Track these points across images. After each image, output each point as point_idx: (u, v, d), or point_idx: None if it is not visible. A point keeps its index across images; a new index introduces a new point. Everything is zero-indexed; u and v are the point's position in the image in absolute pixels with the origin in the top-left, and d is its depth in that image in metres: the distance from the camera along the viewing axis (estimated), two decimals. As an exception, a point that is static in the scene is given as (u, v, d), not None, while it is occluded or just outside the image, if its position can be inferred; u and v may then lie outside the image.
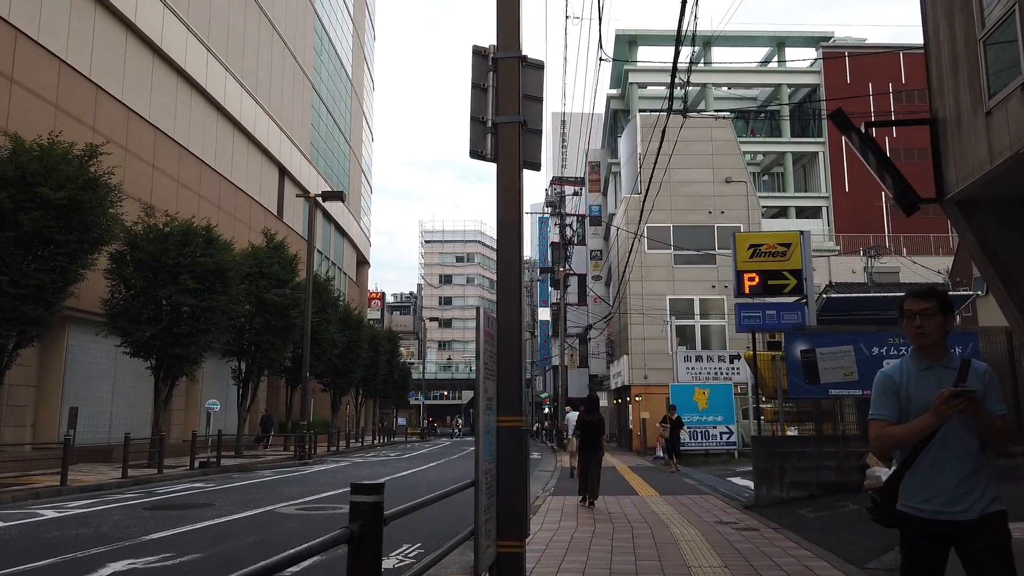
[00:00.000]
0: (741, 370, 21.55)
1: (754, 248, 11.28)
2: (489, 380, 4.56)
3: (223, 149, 30.22)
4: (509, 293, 5.05)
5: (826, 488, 10.06)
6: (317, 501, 11.35)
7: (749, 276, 11.27)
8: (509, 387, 4.88)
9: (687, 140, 31.31)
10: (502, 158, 5.22)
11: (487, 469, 4.38)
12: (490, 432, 4.57)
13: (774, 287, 11.25)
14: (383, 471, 18.23)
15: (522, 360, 4.96)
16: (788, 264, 11.19)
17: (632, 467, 19.69)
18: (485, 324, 4.42)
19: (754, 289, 11.23)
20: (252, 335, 23.81)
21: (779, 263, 11.17)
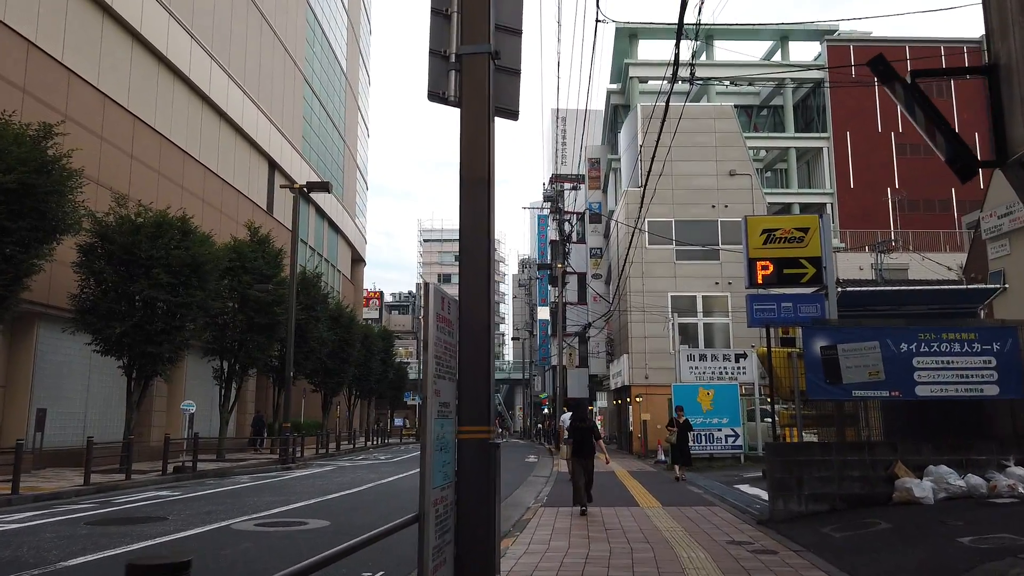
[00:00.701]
0: (747, 370, 20.47)
1: (768, 233, 10.15)
2: (444, 379, 3.47)
3: (208, 140, 29.14)
4: (476, 270, 3.96)
5: (850, 501, 8.97)
6: (283, 514, 10.26)
7: (762, 264, 10.15)
8: (475, 388, 3.79)
9: (690, 132, 30.25)
10: (468, 100, 4.15)
11: (439, 499, 3.29)
12: (446, 448, 3.48)
13: (790, 276, 10.14)
14: (367, 476, 17.14)
15: (491, 354, 3.87)
16: (806, 251, 10.07)
17: (632, 472, 18.60)
18: (438, 306, 3.34)
19: (768, 279, 10.12)
20: (235, 333, 22.72)
21: (796, 250, 10.06)
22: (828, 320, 9.70)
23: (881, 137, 49.78)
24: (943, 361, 9.18)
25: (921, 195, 49.44)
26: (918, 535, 7.05)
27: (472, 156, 4.03)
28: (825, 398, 9.29)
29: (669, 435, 16.36)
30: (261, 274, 23.00)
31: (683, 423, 16.06)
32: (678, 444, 15.91)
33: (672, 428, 16.18)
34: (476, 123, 4.11)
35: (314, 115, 43.08)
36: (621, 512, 10.35)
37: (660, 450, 22.31)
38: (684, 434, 16.01)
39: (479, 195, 3.96)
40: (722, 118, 30.40)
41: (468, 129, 4.12)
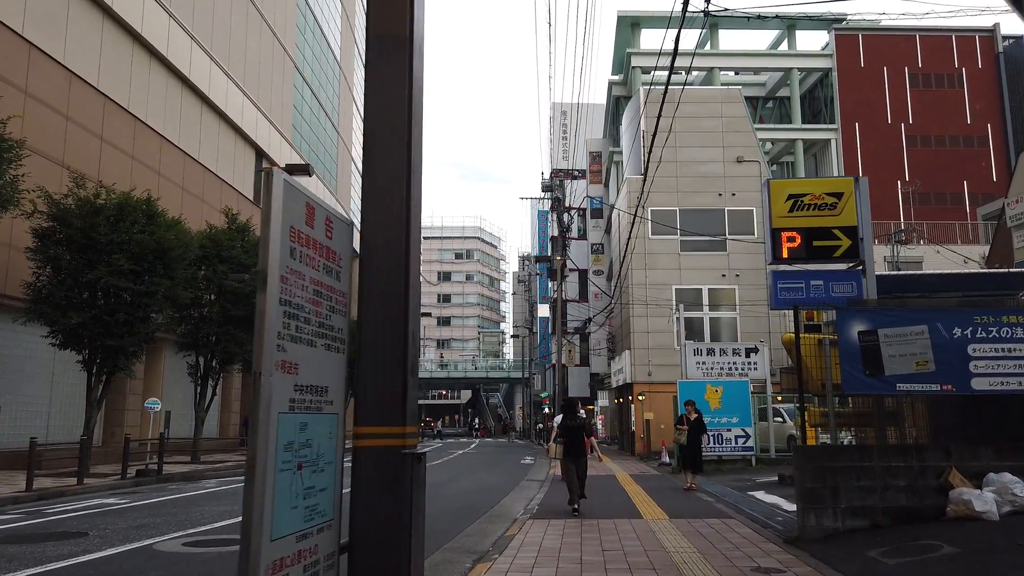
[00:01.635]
0: (759, 365, 18.98)
1: (795, 199, 8.61)
2: (312, 346, 2.02)
3: (189, 125, 27.69)
4: (388, 170, 2.49)
5: (895, 515, 7.50)
6: (224, 529, 8.82)
7: (788, 236, 8.62)
8: (382, 364, 2.34)
9: (695, 116, 28.78)
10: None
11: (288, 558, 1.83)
12: (316, 464, 2.02)
13: (821, 250, 8.61)
14: (346, 481, 15.68)
15: (411, 310, 2.41)
16: (839, 220, 8.57)
17: (635, 475, 17.14)
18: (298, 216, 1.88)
19: (795, 252, 8.60)
20: (210, 326, 21.27)
21: (828, 218, 8.55)
22: (867, 300, 8.21)
23: (890, 129, 48.28)
24: (1003, 349, 7.71)
25: (932, 188, 47.86)
26: (997, 565, 5.58)
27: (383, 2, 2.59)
28: (864, 393, 7.82)
29: (678, 435, 13.97)
30: (239, 263, 21.55)
31: (695, 421, 13.40)
32: (689, 446, 13.40)
33: (682, 427, 13.71)
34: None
35: (305, 104, 41.64)
36: (622, 526, 8.89)
37: (664, 451, 20.85)
38: (697, 434, 13.40)
39: (394, 57, 2.52)
40: (729, 102, 28.91)
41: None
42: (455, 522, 9.54)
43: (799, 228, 8.56)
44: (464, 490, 14.20)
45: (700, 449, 13.58)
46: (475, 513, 10.52)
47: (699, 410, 14.05)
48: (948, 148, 47.76)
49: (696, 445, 13.42)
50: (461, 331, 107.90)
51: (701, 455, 13.70)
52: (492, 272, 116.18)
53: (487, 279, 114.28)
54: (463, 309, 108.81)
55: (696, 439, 13.44)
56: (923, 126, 47.68)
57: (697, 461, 13.51)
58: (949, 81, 49.16)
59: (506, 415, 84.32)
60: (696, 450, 13.42)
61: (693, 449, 13.42)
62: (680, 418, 14.19)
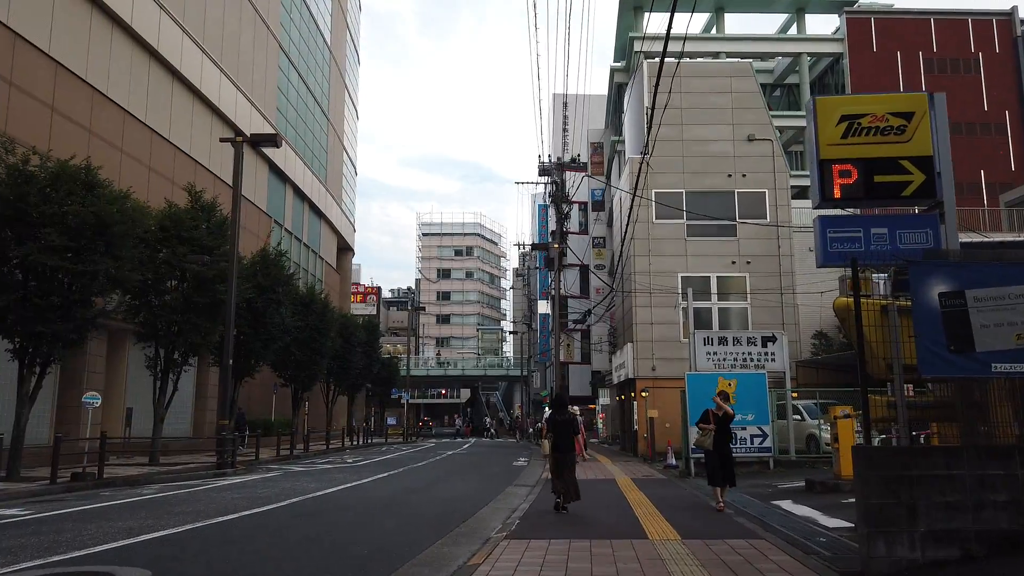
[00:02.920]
0: (777, 356, 16.94)
1: (850, 122, 6.53)
2: None
3: (158, 102, 25.71)
4: None
5: (993, 542, 5.50)
6: (103, 556, 6.83)
7: (841, 169, 6.52)
8: None
9: (702, 92, 26.77)
10: None
11: None
12: None
13: (885, 187, 6.53)
14: (306, 486, 13.69)
15: None
16: (909, 148, 6.52)
17: (638, 480, 15.13)
18: None
19: (850, 191, 6.53)
20: (168, 313, 19.26)
21: (893, 145, 6.50)
22: (948, 252, 6.20)
23: (904, 116, 46.16)
24: None
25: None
26: None
27: None
28: (947, 375, 5.82)
29: (702, 436, 10.61)
30: (201, 245, 19.57)
31: (723, 417, 10.42)
32: (718, 452, 10.23)
33: (707, 426, 10.50)
34: None
35: (291, 87, 39.66)
36: (622, 550, 6.89)
37: (670, 452, 18.84)
38: (725, 434, 10.44)
39: None
40: (739, 76, 26.87)
41: None
42: (414, 541, 7.58)
43: (855, 159, 6.48)
44: (439, 498, 12.20)
45: (731, 453, 10.61)
46: (442, 528, 8.54)
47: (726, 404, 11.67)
48: (964, 135, 45.71)
49: (725, 448, 10.40)
50: (461, 329, 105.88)
51: (732, 461, 10.57)
52: (492, 269, 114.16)
53: (487, 276, 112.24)
54: (463, 307, 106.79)
55: (724, 441, 10.39)
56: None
57: (728, 469, 10.27)
58: (965, 66, 47.18)
59: (506, 416, 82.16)
60: (728, 457, 10.37)
61: (724, 456, 10.30)
62: (704, 414, 10.81)
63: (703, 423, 10.69)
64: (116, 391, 23.57)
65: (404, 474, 17.49)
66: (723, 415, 10.48)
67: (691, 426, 15.95)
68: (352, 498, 11.85)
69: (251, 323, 23.93)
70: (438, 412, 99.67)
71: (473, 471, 19.14)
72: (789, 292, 25.12)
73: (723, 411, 10.48)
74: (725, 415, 10.50)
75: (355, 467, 20.05)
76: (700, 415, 10.96)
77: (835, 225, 6.59)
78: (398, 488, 13.77)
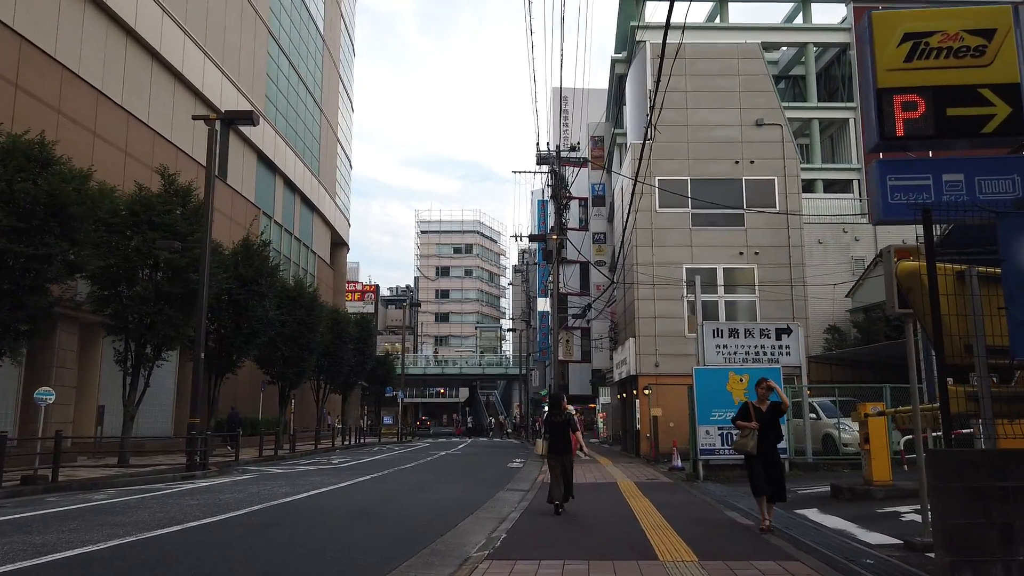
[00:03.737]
0: (792, 349, 15.65)
1: (916, 41, 5.18)
2: None
3: (136, 84, 24.42)
4: None
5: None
6: None
7: (904, 100, 5.15)
8: None
9: (709, 74, 25.47)
10: None
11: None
12: None
13: (960, 123, 5.24)
14: (275, 491, 12.41)
15: None
16: (990, 73, 5.21)
17: (642, 484, 13.85)
18: None
19: (916, 127, 5.18)
20: (142, 305, 17.97)
21: (970, 70, 5.21)
22: (1043, 201, 4.92)
23: (913, 107, 44.81)
24: None
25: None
26: None
27: None
28: (1047, 359, 4.53)
29: (742, 437, 8.29)
30: (174, 231, 18.29)
31: (771, 411, 8.28)
32: (762, 457, 8.11)
33: (747, 424, 8.25)
34: None
35: (282, 75, 38.36)
36: (626, 574, 5.60)
37: (676, 453, 17.56)
38: (773, 433, 8.24)
39: None
40: (747, 58, 25.57)
41: None
42: (377, 562, 6.32)
43: (922, 88, 5.20)
44: (420, 505, 10.91)
45: (781, 462, 8.57)
46: (416, 544, 7.27)
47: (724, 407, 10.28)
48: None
49: (772, 452, 8.19)
50: (460, 328, 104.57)
51: (783, 472, 8.57)
52: (492, 267, 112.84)
53: (487, 275, 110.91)
54: (462, 305, 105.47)
55: (773, 444, 8.21)
56: (948, 105, 44.36)
57: (779, 483, 8.10)
58: (976, 56, 45.75)
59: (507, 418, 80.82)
60: (777, 464, 8.25)
61: (770, 462, 8.14)
62: (743, 409, 8.46)
63: (743, 420, 8.33)
64: (89, 387, 22.29)
65: (388, 477, 16.20)
66: (770, 409, 8.23)
67: (699, 425, 14.69)
68: (322, 505, 10.56)
69: (232, 316, 22.68)
70: (437, 412, 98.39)
71: (464, 473, 17.86)
72: (800, 284, 23.82)
73: (767, 404, 8.24)
74: (773, 408, 8.22)
75: (338, 469, 18.77)
76: (738, 410, 8.53)
77: (897, 170, 5.27)
78: (377, 493, 12.48)
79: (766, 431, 8.17)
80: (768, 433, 8.18)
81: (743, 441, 8.23)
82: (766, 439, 8.15)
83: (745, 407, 8.46)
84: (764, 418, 8.24)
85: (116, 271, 17.79)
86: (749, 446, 8.13)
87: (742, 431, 8.30)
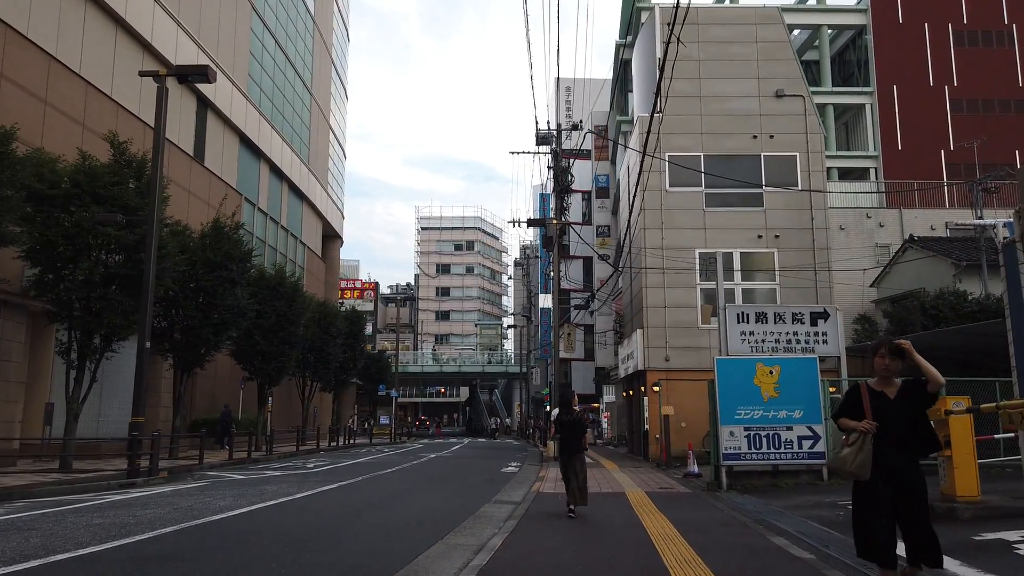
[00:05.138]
0: (830, 336, 13.44)
1: None
2: None
3: (97, 53, 22.31)
4: None
5: None
6: None
7: None
8: None
9: (723, 41, 23.25)
10: None
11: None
12: None
13: None
14: (214, 505, 10.25)
15: None
16: None
17: (655, 495, 11.68)
18: None
19: None
20: (85, 289, 15.82)
21: None
22: None
23: (933, 92, 42.78)
24: None
25: (981, 158, 42.20)
26: None
27: None
28: None
29: (847, 447, 4.53)
30: (124, 206, 16.15)
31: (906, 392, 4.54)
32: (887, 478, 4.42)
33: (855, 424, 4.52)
34: None
35: (267, 53, 36.22)
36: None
37: (692, 457, 15.38)
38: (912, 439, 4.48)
39: None
40: (765, 23, 23.35)
41: None
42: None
43: None
44: (379, 526, 8.74)
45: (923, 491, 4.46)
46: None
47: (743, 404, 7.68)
48: (997, 113, 42.29)
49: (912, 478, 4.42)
50: (461, 326, 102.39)
51: (927, 512, 4.51)
52: (493, 264, 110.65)
53: (488, 272, 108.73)
54: (463, 303, 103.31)
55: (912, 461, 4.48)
56: (969, 89, 42.17)
57: (924, 532, 4.43)
58: (998, 39, 43.71)
59: (507, 418, 78.61)
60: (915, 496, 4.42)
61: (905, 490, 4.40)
62: (848, 396, 4.80)
63: (845, 415, 4.67)
64: (39, 383, 20.18)
65: (360, 485, 14.03)
66: (904, 392, 4.54)
67: (722, 425, 12.50)
68: (254, 526, 8.40)
69: (200, 305, 20.57)
70: (437, 411, 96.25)
71: (450, 480, 15.69)
72: (824, 269, 21.62)
73: (896, 387, 4.57)
74: (912, 391, 4.52)
75: (308, 474, 16.60)
76: (841, 404, 4.84)
77: None
78: (337, 507, 10.31)
79: (892, 435, 4.42)
80: (897, 438, 4.43)
81: (846, 455, 4.49)
82: (898, 450, 4.42)
83: (853, 393, 4.73)
84: (891, 411, 4.47)
85: (60, 251, 15.68)
86: (855, 464, 4.43)
87: (846, 436, 4.59)
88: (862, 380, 4.85)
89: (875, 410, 4.51)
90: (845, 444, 4.56)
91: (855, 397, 4.68)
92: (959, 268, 22.46)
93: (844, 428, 4.64)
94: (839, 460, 4.57)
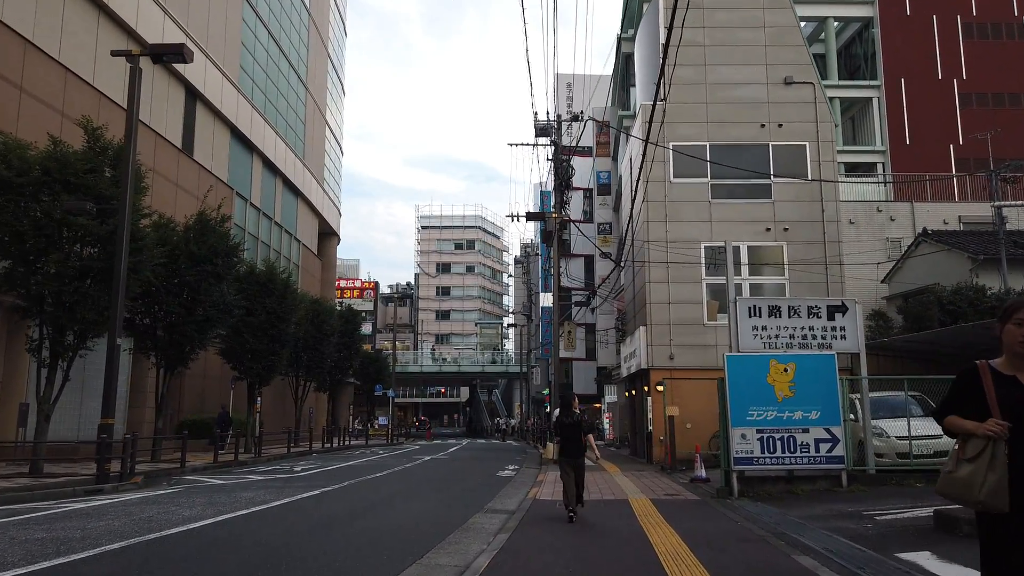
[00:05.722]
0: (849, 331, 12.52)
1: None
2: None
3: (77, 38, 21.45)
4: None
5: None
6: None
7: None
8: None
9: (730, 26, 22.33)
10: None
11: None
12: None
13: None
14: (175, 517, 9.35)
15: None
16: None
17: (660, 502, 10.77)
18: None
19: None
20: (57, 283, 14.93)
21: None
22: None
23: (942, 85, 41.83)
24: None
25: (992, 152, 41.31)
26: None
27: None
28: None
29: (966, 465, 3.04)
30: (99, 194, 15.27)
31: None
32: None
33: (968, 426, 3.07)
34: None
35: (260, 45, 35.33)
36: None
37: (699, 462, 14.47)
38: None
39: None
40: (774, 8, 22.41)
41: None
42: None
43: None
44: (358, 537, 7.84)
45: None
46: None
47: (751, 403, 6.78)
48: (1007, 107, 41.34)
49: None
50: (461, 325, 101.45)
51: None
52: (494, 264, 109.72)
53: (489, 271, 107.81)
54: (463, 303, 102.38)
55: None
56: (978, 82, 41.23)
57: None
58: (1008, 31, 42.77)
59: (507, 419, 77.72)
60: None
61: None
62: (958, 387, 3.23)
63: (954, 411, 3.21)
64: (16, 382, 19.36)
65: (346, 491, 13.12)
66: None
67: (733, 427, 11.58)
68: (213, 542, 7.49)
69: (184, 302, 19.69)
70: (437, 411, 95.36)
71: (441, 485, 14.78)
72: (836, 263, 20.70)
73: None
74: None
75: (292, 479, 15.69)
76: (948, 396, 3.29)
77: None
78: (311, 518, 9.40)
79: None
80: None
81: (967, 476, 3.02)
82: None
83: (969, 379, 3.20)
84: None
85: (31, 244, 14.79)
86: (984, 490, 2.97)
87: (960, 445, 3.15)
88: (988, 361, 3.21)
89: (1005, 403, 3.04)
90: (960, 457, 3.08)
91: (972, 384, 3.15)
92: (976, 262, 21.54)
93: (955, 431, 3.16)
94: (955, 484, 3.05)
